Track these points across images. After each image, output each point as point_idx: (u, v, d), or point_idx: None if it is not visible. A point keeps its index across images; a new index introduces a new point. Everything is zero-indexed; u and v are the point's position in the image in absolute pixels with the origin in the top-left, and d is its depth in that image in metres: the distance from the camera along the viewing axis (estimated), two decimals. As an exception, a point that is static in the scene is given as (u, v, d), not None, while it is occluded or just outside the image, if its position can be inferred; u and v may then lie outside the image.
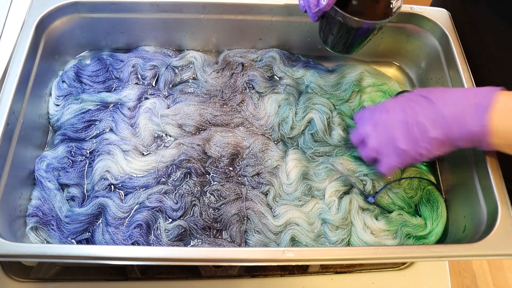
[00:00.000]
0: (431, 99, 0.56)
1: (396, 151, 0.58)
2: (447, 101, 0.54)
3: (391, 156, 0.59)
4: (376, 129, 0.60)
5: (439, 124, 0.54)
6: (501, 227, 0.57)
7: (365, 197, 0.69)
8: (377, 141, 0.60)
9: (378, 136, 0.60)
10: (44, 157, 0.70)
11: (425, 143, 0.55)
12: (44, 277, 0.66)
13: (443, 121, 0.54)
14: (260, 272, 0.68)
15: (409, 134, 0.56)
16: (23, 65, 0.66)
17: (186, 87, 0.79)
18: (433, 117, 0.54)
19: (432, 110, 0.55)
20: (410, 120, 0.56)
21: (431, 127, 0.54)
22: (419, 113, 0.56)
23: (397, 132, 0.57)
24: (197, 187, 0.69)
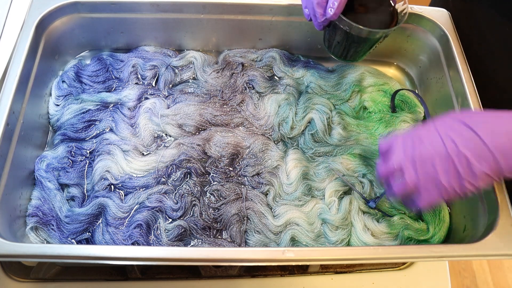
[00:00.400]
0: (473, 129, 0.50)
1: (438, 187, 0.52)
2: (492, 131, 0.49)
3: (432, 191, 0.53)
4: (413, 162, 0.53)
5: (486, 159, 0.49)
6: (501, 227, 0.57)
7: (367, 201, 0.69)
8: (416, 175, 0.53)
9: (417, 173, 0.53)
10: (44, 157, 0.70)
11: (470, 178, 0.50)
12: (44, 277, 0.66)
13: (490, 155, 0.49)
14: (260, 272, 0.68)
15: (452, 169, 0.51)
16: (23, 65, 0.66)
17: (186, 87, 0.79)
18: (478, 150, 0.49)
19: (476, 142, 0.49)
20: (452, 154, 0.50)
21: (476, 161, 0.49)
22: (461, 146, 0.50)
23: (438, 166, 0.51)
24: (197, 187, 0.69)
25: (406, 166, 0.53)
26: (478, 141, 0.49)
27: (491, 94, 0.73)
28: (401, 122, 0.77)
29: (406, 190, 0.54)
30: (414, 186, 0.53)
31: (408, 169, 0.53)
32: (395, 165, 0.55)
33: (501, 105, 0.79)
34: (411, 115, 0.78)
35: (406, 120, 0.77)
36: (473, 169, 0.50)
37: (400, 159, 0.54)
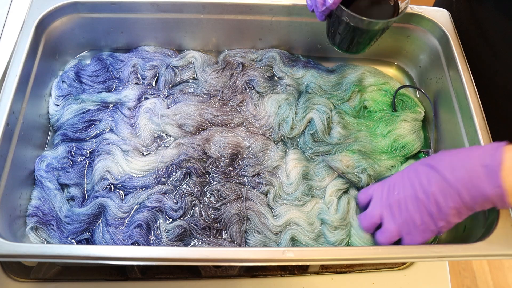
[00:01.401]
0: (436, 168, 0.53)
1: (417, 229, 0.55)
2: (453, 167, 0.52)
3: (414, 234, 0.56)
4: (391, 211, 0.57)
5: (450, 194, 0.52)
6: (501, 227, 0.57)
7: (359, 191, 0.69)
8: (396, 223, 0.57)
9: (394, 218, 0.57)
10: (44, 157, 0.70)
11: (442, 215, 0.53)
12: (44, 277, 0.66)
13: (454, 190, 0.51)
14: (260, 272, 0.68)
15: (424, 210, 0.54)
16: (23, 65, 0.66)
17: (186, 87, 0.79)
18: (443, 188, 0.52)
19: (440, 180, 0.52)
20: (421, 196, 0.54)
21: (443, 199, 0.52)
22: (427, 186, 0.53)
23: (412, 210, 0.55)
24: (197, 187, 0.69)
25: (385, 215, 0.58)
26: (440, 179, 0.52)
27: (491, 94, 0.73)
28: (402, 122, 0.77)
29: (392, 238, 0.58)
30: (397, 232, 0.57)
31: (386, 218, 0.57)
32: (374, 215, 0.59)
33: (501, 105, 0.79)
34: (412, 115, 0.78)
35: (406, 119, 0.77)
36: (441, 207, 0.53)
37: (378, 208, 0.58)
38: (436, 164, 0.54)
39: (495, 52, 0.74)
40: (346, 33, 0.64)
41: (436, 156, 0.56)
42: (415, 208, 0.55)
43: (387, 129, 0.76)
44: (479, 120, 0.66)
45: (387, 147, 0.75)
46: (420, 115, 0.79)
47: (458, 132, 0.70)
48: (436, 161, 0.54)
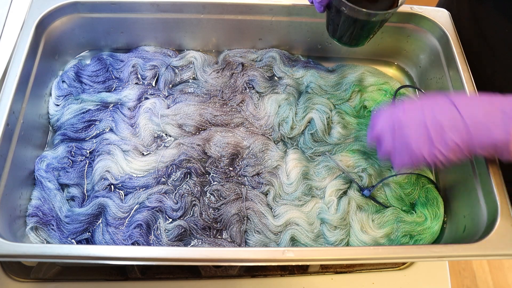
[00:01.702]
0: (454, 102, 0.53)
1: (409, 152, 0.56)
2: (472, 107, 0.52)
3: (403, 156, 0.57)
4: (391, 130, 0.58)
5: (459, 129, 0.52)
6: (501, 227, 0.57)
7: (361, 190, 0.69)
8: (391, 142, 0.58)
9: (392, 138, 0.58)
10: (44, 157, 0.70)
11: (440, 146, 0.53)
12: (44, 277, 0.66)
13: (465, 127, 0.51)
14: (260, 272, 0.68)
15: (424, 135, 0.54)
16: (23, 65, 0.66)
17: (186, 87, 0.79)
18: (453, 121, 0.52)
19: (453, 114, 0.52)
20: (428, 121, 0.54)
21: (450, 130, 0.52)
22: (438, 115, 0.53)
23: (412, 131, 0.55)
24: (197, 187, 0.69)
25: (385, 133, 0.59)
26: (455, 112, 0.52)
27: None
28: (401, 122, 0.77)
29: (384, 156, 0.60)
30: (389, 152, 0.59)
31: (385, 136, 0.59)
32: (377, 132, 0.61)
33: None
34: (411, 115, 0.78)
35: (406, 120, 0.77)
36: (445, 138, 0.52)
37: (381, 126, 0.60)
38: (455, 99, 0.54)
39: (494, 52, 0.74)
40: (345, 25, 0.64)
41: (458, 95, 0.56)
42: (416, 130, 0.55)
43: (387, 129, 0.76)
44: (479, 120, 0.66)
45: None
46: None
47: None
48: (456, 97, 0.54)
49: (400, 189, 0.71)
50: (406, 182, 0.72)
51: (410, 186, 0.71)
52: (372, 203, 0.70)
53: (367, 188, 0.69)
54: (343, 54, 0.87)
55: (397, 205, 0.70)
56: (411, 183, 0.72)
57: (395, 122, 0.58)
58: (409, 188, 0.71)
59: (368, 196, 0.69)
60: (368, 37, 0.67)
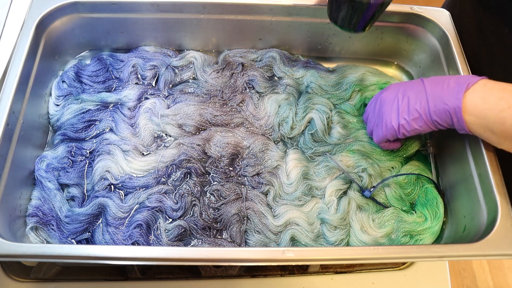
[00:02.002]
0: (423, 80, 0.63)
1: (383, 123, 0.66)
2: (434, 81, 0.61)
3: (380, 127, 0.67)
4: (374, 106, 0.69)
5: (420, 99, 0.61)
6: (501, 227, 0.57)
7: (362, 191, 0.69)
8: (372, 116, 0.70)
9: (373, 115, 0.70)
10: (44, 157, 0.70)
11: (405, 115, 0.62)
12: (44, 277, 0.66)
13: (424, 96, 0.60)
14: (260, 272, 0.68)
15: (395, 108, 0.64)
16: (23, 65, 0.66)
17: (186, 87, 0.79)
18: (418, 94, 0.61)
19: (419, 88, 0.62)
20: (399, 96, 0.64)
21: (413, 100, 0.62)
22: (408, 90, 0.63)
23: (387, 107, 0.65)
24: (197, 187, 0.69)
25: (370, 110, 0.71)
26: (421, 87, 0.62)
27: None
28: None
29: (370, 129, 0.72)
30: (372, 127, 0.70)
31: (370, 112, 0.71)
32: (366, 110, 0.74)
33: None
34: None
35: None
36: (409, 107, 0.62)
37: (368, 107, 0.73)
38: (425, 78, 0.63)
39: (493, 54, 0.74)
40: (346, 8, 0.64)
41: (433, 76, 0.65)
42: (389, 104, 0.65)
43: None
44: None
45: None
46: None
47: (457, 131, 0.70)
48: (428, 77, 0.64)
49: (400, 189, 0.71)
50: (406, 182, 0.72)
51: (410, 186, 0.72)
52: (372, 203, 0.70)
53: (368, 189, 0.69)
54: (343, 54, 0.87)
55: (397, 205, 0.70)
56: (411, 183, 0.72)
57: (377, 100, 0.69)
58: (409, 188, 0.71)
59: (368, 197, 0.69)
60: (370, 22, 0.67)
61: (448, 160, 0.73)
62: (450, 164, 0.73)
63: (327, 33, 0.82)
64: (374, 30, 0.81)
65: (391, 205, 0.70)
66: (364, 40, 0.83)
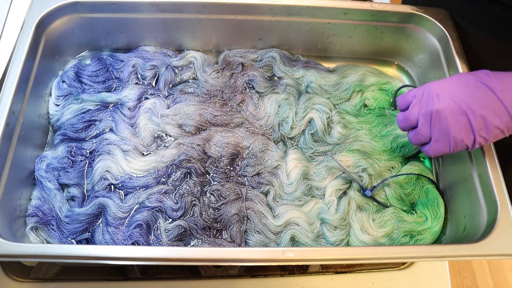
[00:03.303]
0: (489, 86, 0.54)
1: (449, 139, 0.57)
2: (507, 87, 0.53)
3: (442, 142, 0.58)
4: (430, 116, 0.58)
5: (498, 113, 0.53)
6: (501, 227, 0.57)
7: (363, 190, 0.69)
8: (430, 128, 0.59)
9: (430, 125, 0.59)
10: (44, 157, 0.70)
11: (483, 133, 0.55)
12: (44, 277, 0.66)
13: (503, 109, 0.53)
14: (260, 272, 0.68)
15: (467, 124, 0.55)
16: (23, 65, 0.66)
17: (186, 87, 0.79)
18: (493, 107, 0.53)
19: (492, 99, 0.54)
20: (468, 110, 0.55)
21: (492, 117, 0.54)
22: (478, 102, 0.54)
23: (453, 121, 0.56)
24: (197, 187, 0.69)
25: (422, 119, 0.59)
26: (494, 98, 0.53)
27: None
28: (401, 122, 0.77)
29: (420, 140, 0.61)
30: (428, 137, 0.60)
31: (423, 122, 0.59)
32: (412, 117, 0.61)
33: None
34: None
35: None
36: (488, 124, 0.54)
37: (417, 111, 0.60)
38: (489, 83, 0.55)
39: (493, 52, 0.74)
40: None
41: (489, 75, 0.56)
42: (457, 120, 0.56)
43: (387, 129, 0.76)
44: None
45: (386, 146, 0.75)
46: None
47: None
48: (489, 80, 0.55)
49: (400, 189, 0.71)
50: (407, 182, 0.72)
51: (410, 186, 0.72)
52: (372, 203, 0.70)
53: (369, 189, 0.69)
54: (343, 54, 0.87)
55: (398, 205, 0.70)
56: (412, 183, 0.72)
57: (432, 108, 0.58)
58: (410, 188, 0.71)
59: (369, 196, 0.69)
60: None
61: (448, 160, 0.73)
62: (450, 164, 0.73)
63: (327, 33, 0.82)
64: (374, 30, 0.81)
65: (391, 205, 0.70)
66: (364, 40, 0.83)
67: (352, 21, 0.79)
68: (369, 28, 0.81)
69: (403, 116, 0.63)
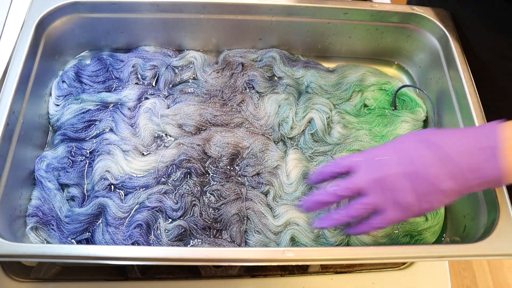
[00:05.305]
0: (437, 146, 0.50)
1: (400, 206, 0.51)
2: (457, 148, 0.49)
3: (392, 210, 0.51)
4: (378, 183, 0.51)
5: (453, 175, 0.49)
6: (501, 227, 0.57)
7: None
8: (379, 197, 0.51)
9: (380, 192, 0.51)
10: (44, 157, 0.70)
11: (437, 196, 0.50)
12: (44, 277, 0.66)
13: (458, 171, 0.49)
14: (260, 272, 0.68)
15: (418, 188, 0.50)
16: (23, 65, 0.66)
17: (186, 87, 0.79)
18: (445, 168, 0.49)
19: (442, 160, 0.50)
20: (419, 173, 0.50)
21: (444, 179, 0.49)
22: (427, 163, 0.50)
23: (403, 186, 0.50)
24: (197, 187, 0.69)
25: (368, 187, 0.52)
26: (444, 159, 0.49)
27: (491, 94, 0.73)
28: (402, 122, 0.77)
29: (366, 211, 0.53)
30: (375, 207, 0.52)
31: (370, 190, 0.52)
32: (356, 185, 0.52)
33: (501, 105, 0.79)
34: (412, 115, 0.78)
35: (407, 120, 0.77)
36: (442, 187, 0.50)
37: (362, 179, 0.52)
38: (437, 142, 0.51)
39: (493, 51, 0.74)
40: None
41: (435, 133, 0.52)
42: (407, 184, 0.50)
43: (387, 129, 0.76)
44: (478, 120, 0.66)
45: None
46: (421, 115, 0.79)
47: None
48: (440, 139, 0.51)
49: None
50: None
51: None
52: None
53: None
54: (343, 54, 0.87)
55: None
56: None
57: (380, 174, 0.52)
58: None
59: None
60: None
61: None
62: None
63: (327, 33, 0.82)
64: (374, 30, 0.81)
65: None
66: (364, 40, 0.83)
67: (352, 21, 0.79)
68: (369, 28, 0.81)
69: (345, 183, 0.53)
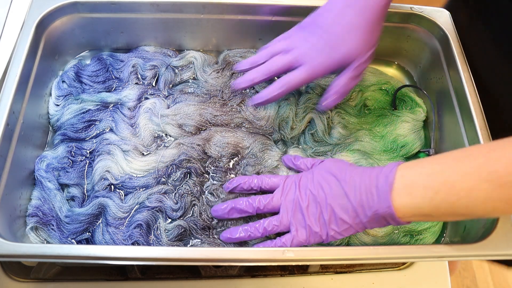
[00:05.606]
0: (338, 178, 0.56)
1: (307, 230, 0.57)
2: (355, 186, 0.54)
3: (301, 232, 0.58)
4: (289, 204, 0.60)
5: (346, 209, 0.54)
6: (501, 227, 0.57)
7: None
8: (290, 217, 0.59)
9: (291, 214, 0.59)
10: (44, 157, 0.70)
11: (334, 226, 0.56)
12: (44, 277, 0.66)
13: (350, 206, 0.54)
14: (260, 272, 0.68)
15: (321, 217, 0.56)
16: (23, 65, 0.66)
17: (186, 87, 0.79)
18: (341, 201, 0.55)
19: (342, 196, 0.55)
20: (322, 202, 0.56)
21: (340, 211, 0.55)
22: (329, 195, 0.56)
23: (309, 213, 0.57)
24: (197, 187, 0.69)
25: (284, 207, 0.60)
26: (343, 193, 0.55)
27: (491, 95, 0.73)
28: (402, 122, 0.77)
29: (279, 228, 0.60)
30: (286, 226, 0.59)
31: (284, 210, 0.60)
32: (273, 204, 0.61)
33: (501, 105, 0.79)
34: (412, 115, 0.78)
35: (407, 120, 0.77)
36: (338, 217, 0.55)
37: (280, 200, 0.61)
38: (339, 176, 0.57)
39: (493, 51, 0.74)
40: None
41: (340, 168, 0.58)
42: (313, 212, 0.57)
43: (387, 129, 0.76)
44: (479, 120, 0.66)
45: (387, 146, 0.75)
46: (421, 115, 0.79)
47: (458, 132, 0.70)
48: (343, 176, 0.56)
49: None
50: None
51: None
52: None
53: None
54: (343, 54, 0.87)
55: None
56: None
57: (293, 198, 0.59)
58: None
59: None
60: None
61: (448, 160, 0.73)
62: (450, 164, 0.73)
63: (327, 33, 0.82)
64: (374, 30, 0.81)
65: None
66: (364, 40, 0.83)
67: (352, 21, 0.79)
68: (369, 28, 0.81)
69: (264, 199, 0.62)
